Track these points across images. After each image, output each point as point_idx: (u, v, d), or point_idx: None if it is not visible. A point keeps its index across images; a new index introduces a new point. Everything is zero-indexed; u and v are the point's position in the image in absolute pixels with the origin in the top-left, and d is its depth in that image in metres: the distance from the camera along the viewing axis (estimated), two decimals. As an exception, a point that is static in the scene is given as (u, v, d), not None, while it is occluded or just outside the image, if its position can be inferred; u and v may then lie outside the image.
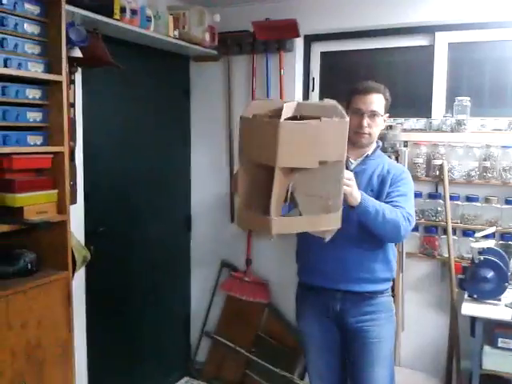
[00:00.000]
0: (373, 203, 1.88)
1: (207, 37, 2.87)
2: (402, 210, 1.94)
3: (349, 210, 1.85)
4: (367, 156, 2.11)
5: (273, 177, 1.54)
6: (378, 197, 2.02)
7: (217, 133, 3.23)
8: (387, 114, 2.13)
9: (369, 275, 2.03)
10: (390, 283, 2.14)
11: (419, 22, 2.73)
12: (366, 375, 2.05)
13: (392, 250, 2.09)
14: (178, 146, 3.25)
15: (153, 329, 3.08)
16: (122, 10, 2.34)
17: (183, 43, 2.79)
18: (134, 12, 2.40)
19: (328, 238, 1.70)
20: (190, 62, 3.26)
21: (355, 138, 2.06)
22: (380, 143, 2.17)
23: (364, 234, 1.99)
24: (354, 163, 2.11)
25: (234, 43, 3.07)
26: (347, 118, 1.58)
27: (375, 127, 2.06)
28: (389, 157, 2.46)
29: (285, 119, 1.56)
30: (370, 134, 2.05)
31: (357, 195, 1.83)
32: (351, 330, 2.07)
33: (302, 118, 1.66)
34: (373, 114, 2.04)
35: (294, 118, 1.66)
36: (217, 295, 3.27)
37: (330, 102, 1.68)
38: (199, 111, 3.30)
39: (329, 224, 1.66)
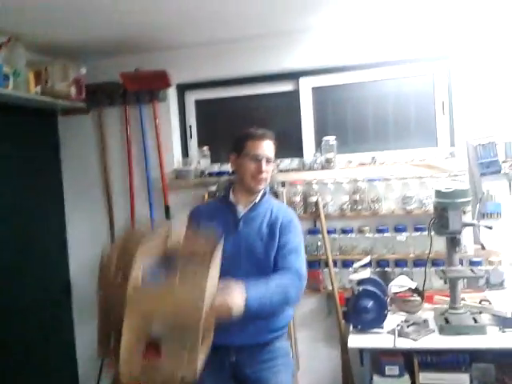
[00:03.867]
0: (256, 301, 1.76)
1: (73, 90, 2.77)
2: (292, 275, 1.92)
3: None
4: (255, 203, 2.09)
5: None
6: (267, 245, 2.01)
7: (93, 190, 3.11)
8: (275, 162, 2.18)
9: (264, 325, 1.99)
10: (287, 328, 2.13)
11: (284, 69, 2.90)
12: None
13: None
14: (50, 208, 3.06)
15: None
16: (-24, 69, 2.18)
17: (47, 99, 2.67)
18: (-11, 71, 2.25)
19: None
20: (58, 117, 3.12)
21: (253, 184, 2.04)
22: (267, 189, 2.17)
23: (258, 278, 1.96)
24: (242, 212, 2.08)
25: (103, 95, 3.02)
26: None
27: (270, 172, 2.08)
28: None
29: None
30: (265, 180, 2.06)
31: (237, 307, 1.70)
32: (249, 380, 2.01)
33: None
34: (268, 160, 2.05)
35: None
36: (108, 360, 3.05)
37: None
38: (71, 168, 3.15)
39: None
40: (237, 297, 1.70)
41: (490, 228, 2.31)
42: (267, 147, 2.06)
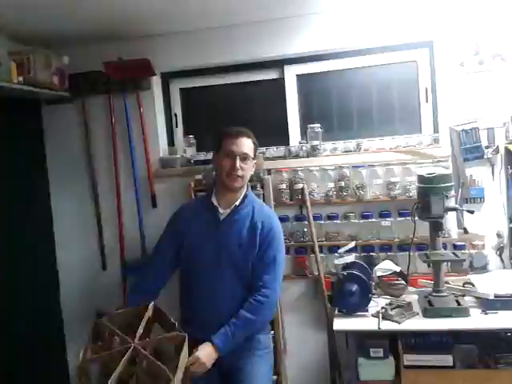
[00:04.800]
0: (227, 347, 1.93)
1: (56, 79, 2.75)
2: (263, 298, 1.99)
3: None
4: (236, 206, 2.10)
5: None
6: (246, 252, 2.04)
7: (78, 179, 3.09)
8: (255, 160, 2.17)
9: None
10: (267, 323, 2.18)
11: (268, 56, 2.89)
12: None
13: None
14: (35, 198, 3.02)
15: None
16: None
17: (30, 88, 2.63)
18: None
19: None
20: (42, 106, 3.09)
21: (228, 182, 2.06)
22: (249, 190, 2.18)
23: (237, 282, 2.03)
24: (223, 214, 2.10)
25: (87, 84, 2.98)
26: None
27: (247, 170, 2.08)
28: (254, 187, 2.53)
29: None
30: (242, 177, 2.07)
31: (210, 360, 1.90)
32: (230, 371, 2.05)
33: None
34: (245, 157, 2.06)
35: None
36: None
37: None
38: (56, 157, 3.13)
39: None
40: (205, 359, 1.88)
41: (472, 212, 2.34)
42: (243, 144, 2.07)
